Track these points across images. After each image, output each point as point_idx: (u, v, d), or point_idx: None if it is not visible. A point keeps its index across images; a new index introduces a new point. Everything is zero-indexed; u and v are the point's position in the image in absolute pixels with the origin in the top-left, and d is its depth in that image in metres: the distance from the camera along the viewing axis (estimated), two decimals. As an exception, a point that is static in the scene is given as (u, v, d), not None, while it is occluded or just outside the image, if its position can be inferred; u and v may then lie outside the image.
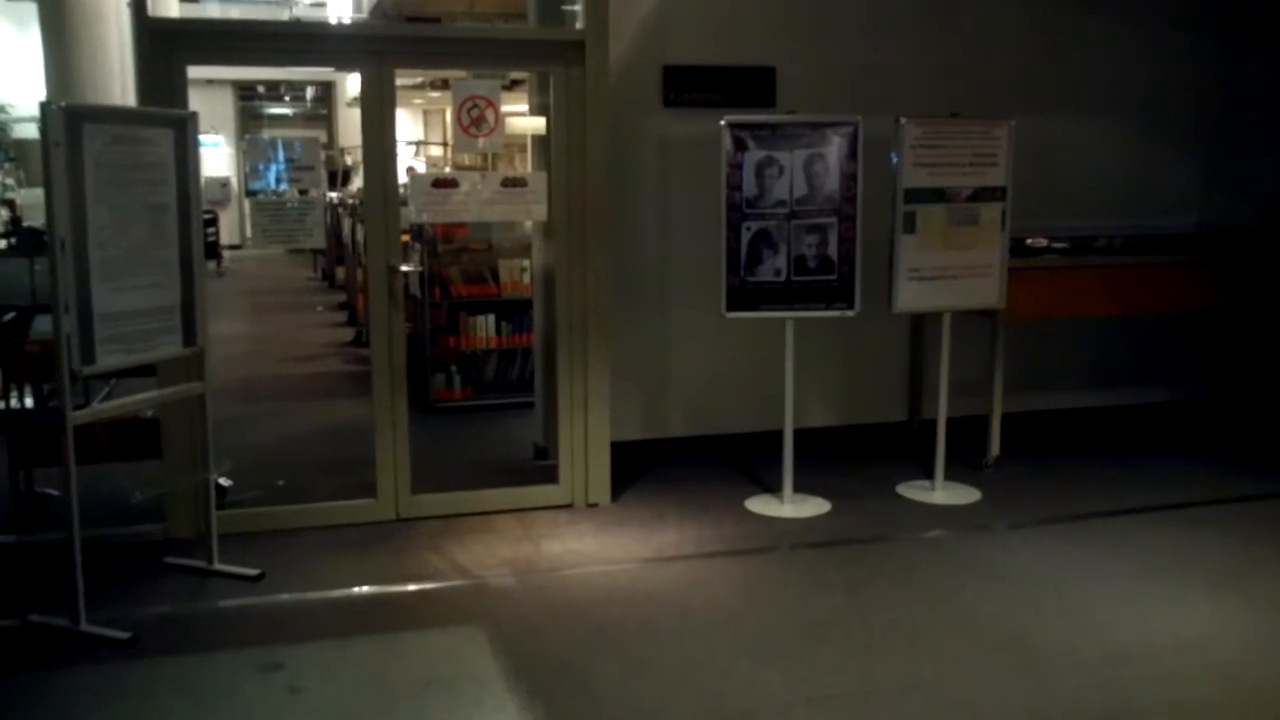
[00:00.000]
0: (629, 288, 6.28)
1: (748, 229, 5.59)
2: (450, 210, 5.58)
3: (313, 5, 22.41)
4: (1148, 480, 6.18)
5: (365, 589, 4.70)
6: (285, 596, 4.61)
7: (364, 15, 16.94)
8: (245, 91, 26.39)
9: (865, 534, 5.37)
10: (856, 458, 6.60)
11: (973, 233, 5.82)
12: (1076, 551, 5.09)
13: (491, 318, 8.22)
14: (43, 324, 6.07)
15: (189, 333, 4.75)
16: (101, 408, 4.78)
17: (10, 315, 6.09)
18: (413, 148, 20.85)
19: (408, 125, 23.60)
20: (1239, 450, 6.83)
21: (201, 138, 4.91)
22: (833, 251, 5.61)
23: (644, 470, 6.28)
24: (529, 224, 6.99)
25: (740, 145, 5.55)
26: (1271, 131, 7.40)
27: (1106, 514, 5.61)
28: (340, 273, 14.83)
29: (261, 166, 5.40)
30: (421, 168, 18.19)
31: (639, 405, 6.56)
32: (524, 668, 3.93)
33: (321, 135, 25.11)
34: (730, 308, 5.65)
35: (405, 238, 7.31)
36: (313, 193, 5.52)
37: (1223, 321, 7.49)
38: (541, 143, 6.24)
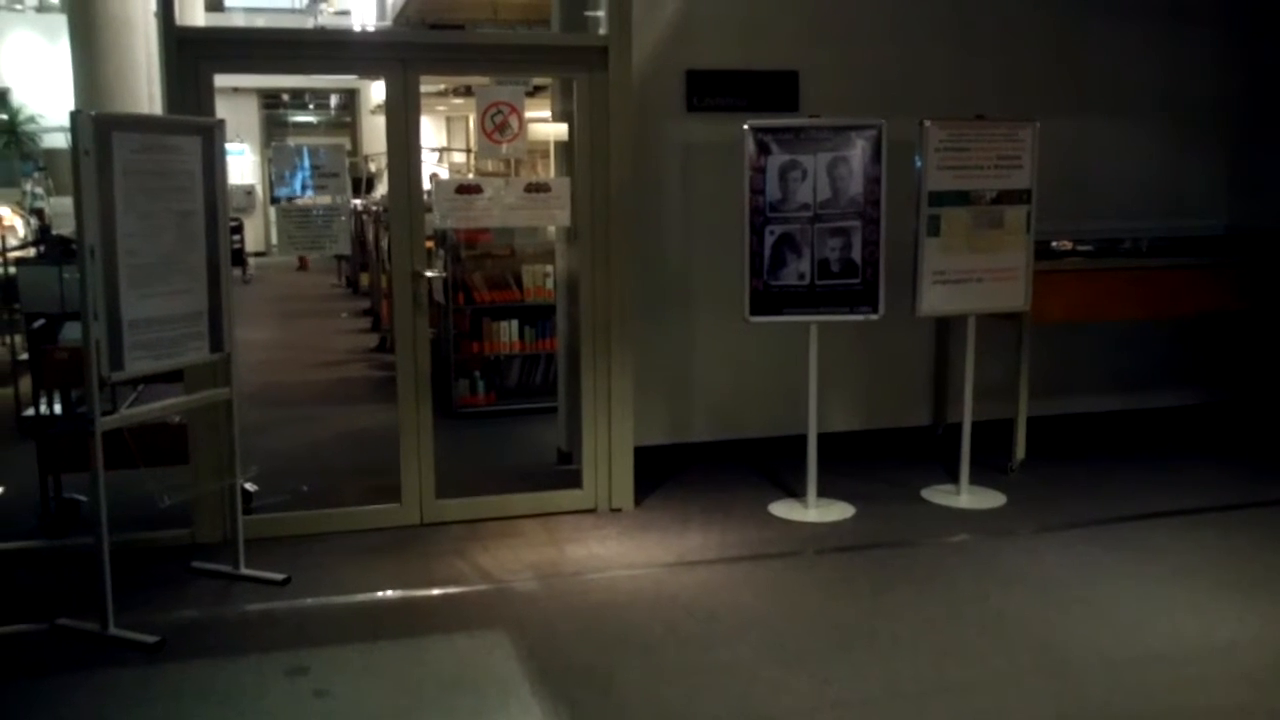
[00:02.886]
0: (652, 292, 6.28)
1: (771, 233, 5.59)
2: (474, 216, 5.60)
3: (337, 14, 22.57)
4: (1174, 484, 6.14)
5: (390, 593, 4.72)
6: (311, 601, 4.63)
7: (388, 23, 17.04)
8: (270, 100, 26.55)
9: (890, 538, 5.35)
10: (881, 462, 6.57)
11: (997, 236, 5.79)
12: (1103, 556, 5.06)
13: (515, 323, 8.23)
14: (71, 331, 6.11)
15: (216, 339, 4.79)
16: (129, 413, 4.82)
17: (40, 322, 6.14)
18: (436, 154, 20.93)
19: (431, 132, 23.69)
20: (1267, 454, 6.76)
21: (227, 146, 4.94)
22: (856, 255, 5.59)
23: (667, 475, 6.28)
24: (552, 229, 7.00)
25: (763, 149, 5.54)
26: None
27: (1133, 518, 5.57)
28: (364, 279, 14.90)
29: (287, 174, 5.43)
30: (445, 174, 18.27)
31: (662, 410, 6.56)
32: (549, 672, 3.94)
33: (346, 142, 25.23)
34: (754, 312, 5.64)
35: (429, 244, 7.35)
36: (337, 199, 5.55)
37: (1250, 324, 7.42)
38: (565, 148, 6.25)
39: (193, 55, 5.09)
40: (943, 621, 4.37)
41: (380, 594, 4.71)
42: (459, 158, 21.77)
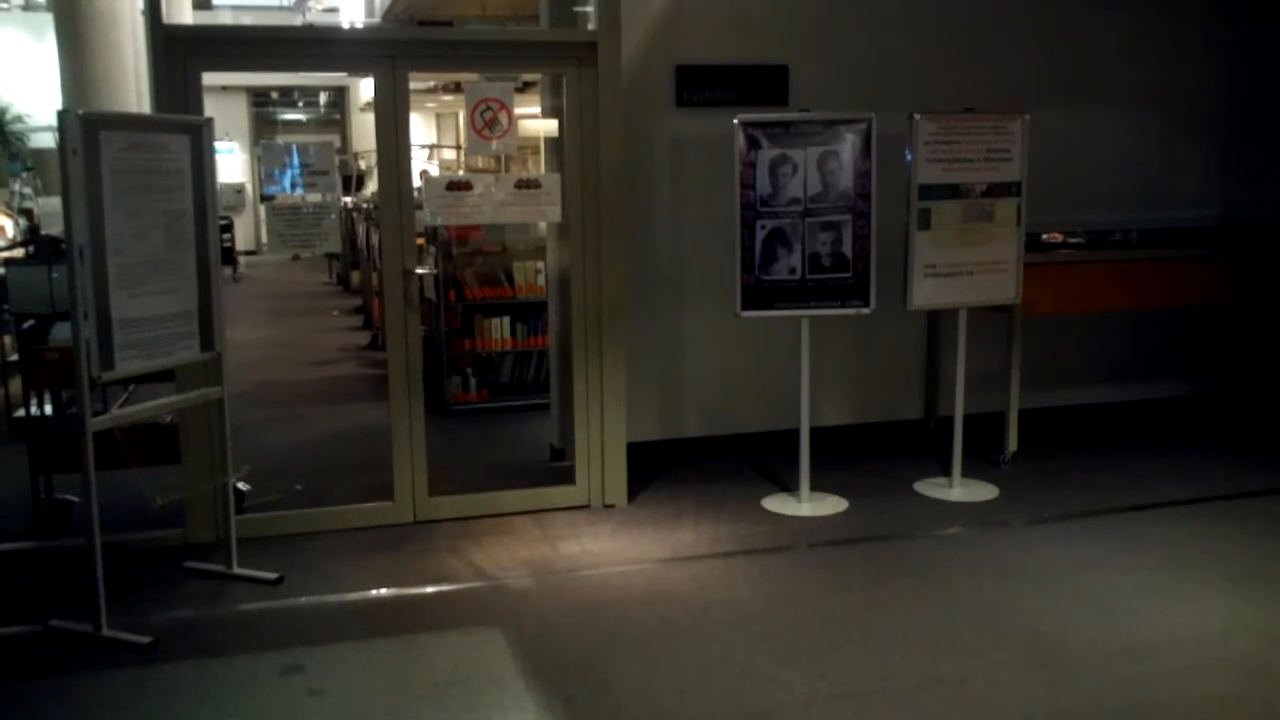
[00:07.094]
0: (643, 288, 6.28)
1: (762, 227, 5.59)
2: (465, 213, 5.60)
3: (326, 11, 22.50)
4: (1166, 475, 6.16)
5: (384, 591, 4.71)
6: (304, 600, 4.63)
7: (377, 20, 16.99)
8: (259, 98, 26.46)
9: (883, 532, 5.36)
10: (873, 456, 6.58)
11: (988, 228, 5.80)
12: (1095, 547, 5.07)
13: (507, 320, 8.23)
14: (61, 331, 6.10)
15: (206, 338, 4.77)
16: (120, 413, 4.80)
17: (29, 323, 6.12)
18: (426, 151, 20.88)
19: (421, 129, 23.64)
20: (1258, 444, 6.79)
21: (216, 144, 4.93)
22: (847, 249, 5.60)
23: (660, 471, 6.28)
24: (543, 225, 6.99)
25: (754, 144, 5.54)
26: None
27: (1125, 509, 5.59)
28: (355, 277, 14.87)
29: (277, 172, 5.42)
30: (435, 171, 18.23)
31: (654, 406, 6.55)
32: (543, 668, 3.94)
33: (335, 140, 25.17)
34: (745, 306, 5.65)
35: (420, 241, 7.34)
36: (327, 197, 5.53)
37: (1240, 314, 7.44)
38: (555, 144, 6.24)
39: (181, 53, 5.08)
40: (936, 614, 4.38)
41: (374, 592, 4.70)
42: (449, 154, 21.72)
